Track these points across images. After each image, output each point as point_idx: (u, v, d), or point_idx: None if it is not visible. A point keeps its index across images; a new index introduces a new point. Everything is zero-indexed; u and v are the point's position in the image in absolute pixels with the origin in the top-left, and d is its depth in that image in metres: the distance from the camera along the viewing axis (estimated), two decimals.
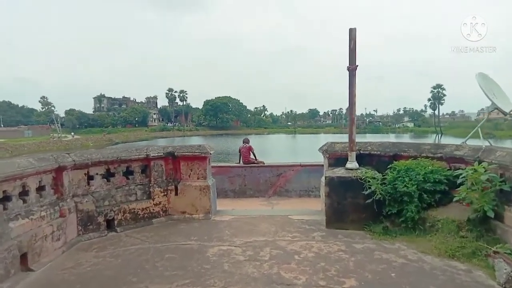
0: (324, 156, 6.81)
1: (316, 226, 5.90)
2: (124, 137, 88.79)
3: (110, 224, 5.84)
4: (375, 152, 6.35)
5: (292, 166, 9.19)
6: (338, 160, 6.47)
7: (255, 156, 9.68)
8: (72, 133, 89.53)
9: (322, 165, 8.81)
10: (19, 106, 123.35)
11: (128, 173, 6.26)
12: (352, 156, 6.01)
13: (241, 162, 9.68)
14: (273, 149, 48.41)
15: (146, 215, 6.27)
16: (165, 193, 6.53)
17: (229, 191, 9.13)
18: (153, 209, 6.37)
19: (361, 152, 6.39)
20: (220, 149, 46.28)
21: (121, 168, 6.12)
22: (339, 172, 5.90)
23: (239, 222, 6.24)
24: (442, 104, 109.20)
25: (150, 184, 6.41)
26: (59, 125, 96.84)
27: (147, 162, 6.40)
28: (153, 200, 6.38)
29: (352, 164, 5.99)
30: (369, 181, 5.45)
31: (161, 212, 6.47)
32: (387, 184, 5.41)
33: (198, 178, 6.62)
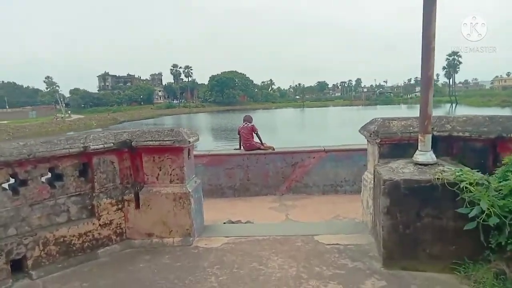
0: (370, 141, 4.29)
1: (365, 262, 3.48)
2: (129, 116, 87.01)
3: (21, 266, 3.50)
4: (460, 134, 3.80)
5: (312, 152, 6.71)
6: (396, 147, 3.97)
7: (260, 140, 7.19)
8: (69, 112, 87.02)
9: (354, 150, 6.37)
10: (24, 86, 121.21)
11: (55, 178, 3.86)
12: (427, 142, 3.50)
13: (242, 148, 7.21)
14: (282, 125, 45.85)
15: (87, 244, 3.90)
16: (120, 206, 4.15)
17: (226, 189, 6.73)
18: (100, 233, 4.00)
19: (434, 133, 3.86)
20: (225, 125, 44.17)
21: (39, 170, 3.69)
22: (406, 170, 3.41)
23: (235, 253, 3.83)
24: (457, 72, 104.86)
25: (94, 194, 4.00)
26: (63, 105, 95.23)
27: (86, 159, 3.97)
28: (99, 219, 4.00)
29: (426, 155, 3.48)
30: (468, 190, 2.96)
31: (114, 237, 4.11)
32: (502, 196, 2.92)
33: (171, 181, 4.20)
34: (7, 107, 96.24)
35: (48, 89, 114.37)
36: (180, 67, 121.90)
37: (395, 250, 3.33)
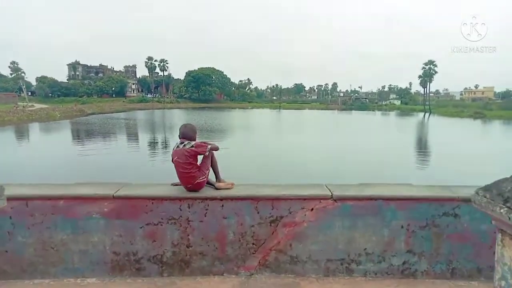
0: None
1: None
2: (99, 108, 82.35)
3: None
4: None
5: (311, 200, 3.65)
6: None
7: (214, 168, 3.89)
8: (29, 102, 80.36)
9: (384, 199, 3.43)
10: None
11: None
12: None
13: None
14: (258, 127, 42.95)
15: None
16: None
17: (146, 262, 3.57)
18: None
19: None
20: (197, 123, 41.41)
21: None
22: None
23: None
24: (431, 81, 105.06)
25: None
26: (29, 93, 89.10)
27: None
28: None
29: None
30: None
31: None
32: None
33: None
34: None
35: (13, 75, 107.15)
36: (156, 60, 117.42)
37: None
